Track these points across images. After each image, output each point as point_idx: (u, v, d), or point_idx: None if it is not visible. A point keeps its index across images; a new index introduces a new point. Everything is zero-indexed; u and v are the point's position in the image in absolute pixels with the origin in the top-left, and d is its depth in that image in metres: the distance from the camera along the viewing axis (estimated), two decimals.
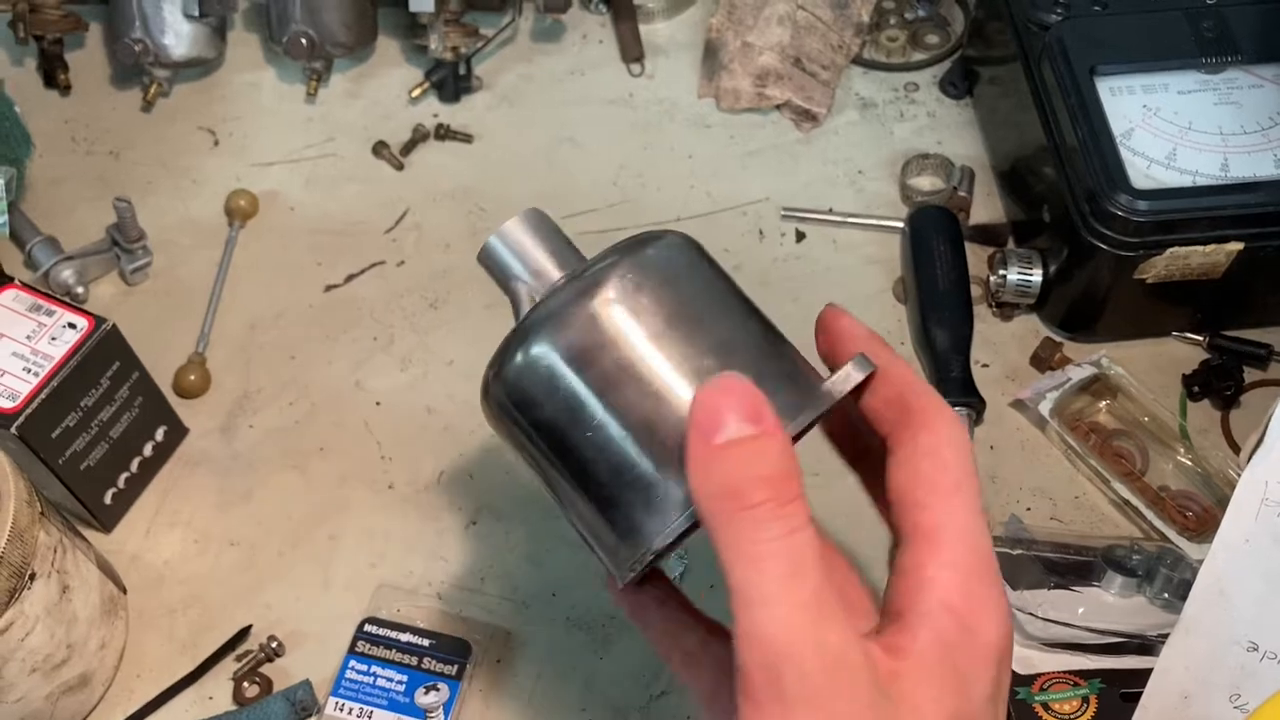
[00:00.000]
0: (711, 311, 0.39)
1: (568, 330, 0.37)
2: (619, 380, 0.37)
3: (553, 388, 0.37)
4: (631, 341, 0.37)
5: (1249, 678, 0.52)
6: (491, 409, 0.40)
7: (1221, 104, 0.68)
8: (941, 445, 0.37)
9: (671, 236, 0.40)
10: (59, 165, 0.80)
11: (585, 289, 0.38)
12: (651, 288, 0.38)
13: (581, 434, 0.37)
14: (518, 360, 0.38)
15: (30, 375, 0.59)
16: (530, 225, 0.43)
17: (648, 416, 0.36)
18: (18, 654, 0.53)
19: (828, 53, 0.82)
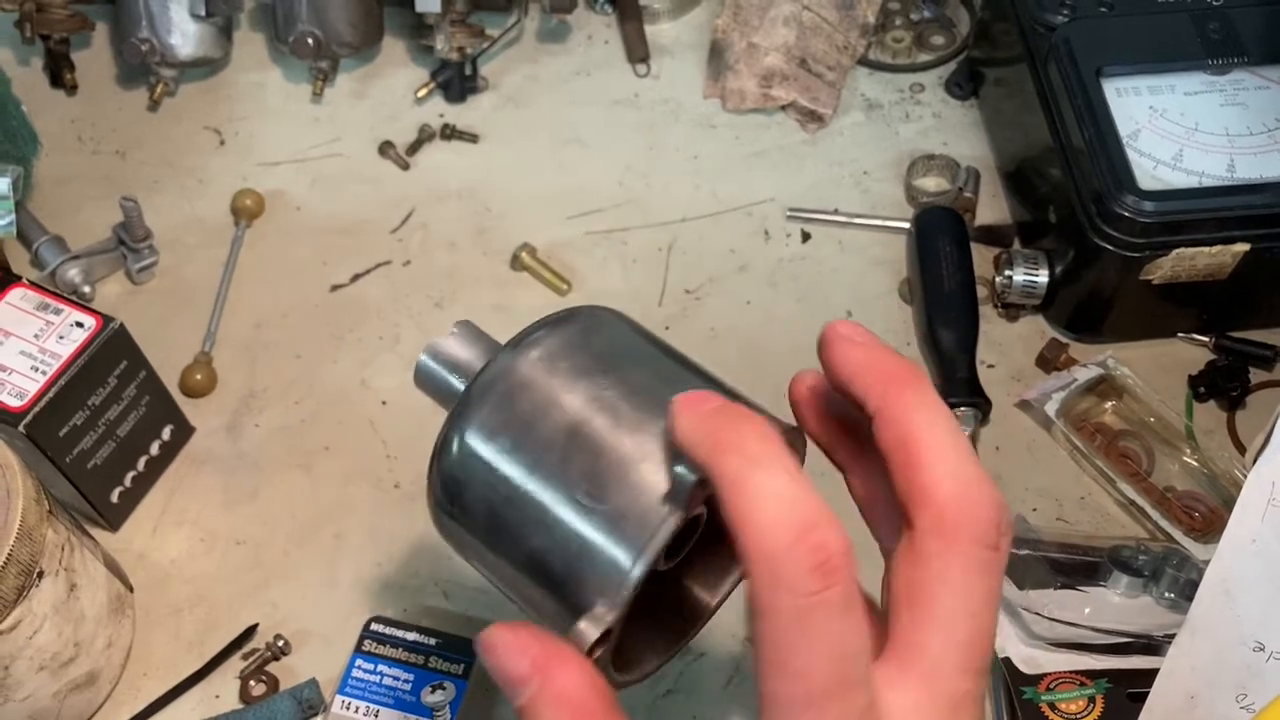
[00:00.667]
0: (571, 414, 0.38)
1: (479, 409, 0.38)
2: (511, 523, 0.37)
3: (479, 469, 0.38)
4: (505, 486, 0.37)
5: (1255, 678, 0.52)
6: (434, 513, 0.41)
7: (1228, 105, 0.68)
8: (942, 552, 0.33)
9: (584, 310, 0.40)
10: (65, 164, 0.81)
11: (498, 373, 0.38)
12: (506, 414, 0.38)
13: (542, 487, 0.37)
14: (451, 454, 0.38)
15: (38, 374, 0.59)
16: (463, 339, 0.43)
17: (544, 550, 0.36)
18: (25, 652, 0.53)
19: (833, 54, 0.83)
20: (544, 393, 0.38)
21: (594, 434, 0.37)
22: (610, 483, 0.36)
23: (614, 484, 0.36)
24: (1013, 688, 0.56)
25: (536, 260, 0.75)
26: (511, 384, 0.38)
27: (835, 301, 0.74)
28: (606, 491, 0.36)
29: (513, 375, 0.38)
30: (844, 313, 0.73)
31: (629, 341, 0.40)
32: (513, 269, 0.76)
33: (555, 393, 0.38)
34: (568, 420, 0.37)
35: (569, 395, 0.38)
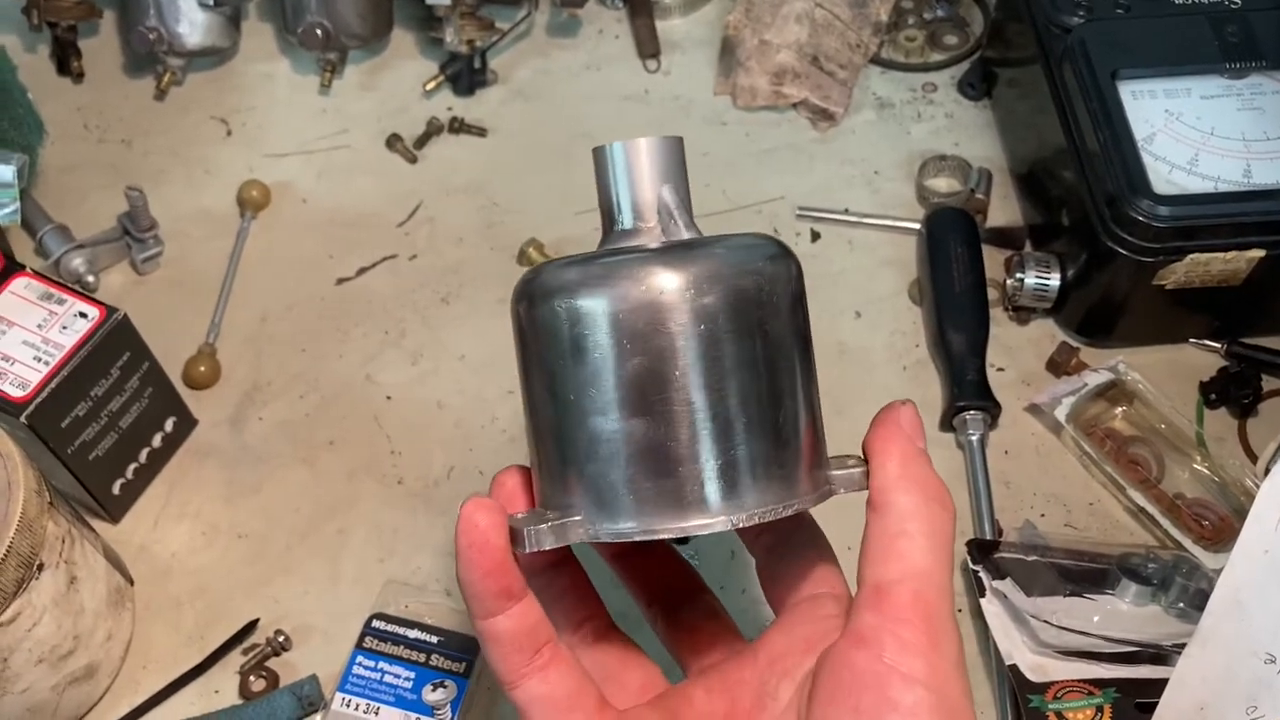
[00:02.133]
0: (786, 351, 0.38)
1: (643, 307, 0.36)
2: (645, 384, 0.36)
3: (578, 342, 0.37)
4: (682, 360, 0.36)
5: (1266, 690, 0.52)
6: (545, 315, 0.38)
7: (1244, 109, 0.67)
8: None
9: (788, 264, 0.39)
10: (71, 153, 0.80)
11: (691, 281, 0.36)
12: (733, 317, 0.37)
13: (585, 394, 0.37)
14: (582, 296, 0.37)
15: (40, 364, 0.58)
16: (671, 154, 0.41)
17: (646, 436, 0.36)
18: (25, 644, 0.53)
19: (845, 52, 0.82)
20: (745, 328, 0.37)
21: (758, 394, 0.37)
22: (678, 457, 0.36)
23: (678, 459, 0.36)
24: (1020, 696, 0.55)
25: (544, 255, 0.75)
26: (736, 292, 0.37)
27: (844, 302, 0.73)
28: (671, 465, 0.36)
29: (743, 282, 0.37)
30: (853, 313, 0.73)
31: (774, 329, 0.39)
32: (520, 264, 0.75)
33: (680, 349, 0.37)
34: (749, 374, 0.37)
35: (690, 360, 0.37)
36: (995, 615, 0.58)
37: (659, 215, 0.40)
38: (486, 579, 0.36)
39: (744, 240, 0.39)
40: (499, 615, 0.37)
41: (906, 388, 0.70)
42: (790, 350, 0.38)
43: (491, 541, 0.36)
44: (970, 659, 0.60)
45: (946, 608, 0.36)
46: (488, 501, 0.36)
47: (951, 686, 0.35)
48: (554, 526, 0.37)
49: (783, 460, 0.37)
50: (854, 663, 0.35)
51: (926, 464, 0.38)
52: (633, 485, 0.37)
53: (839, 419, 0.68)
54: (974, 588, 0.59)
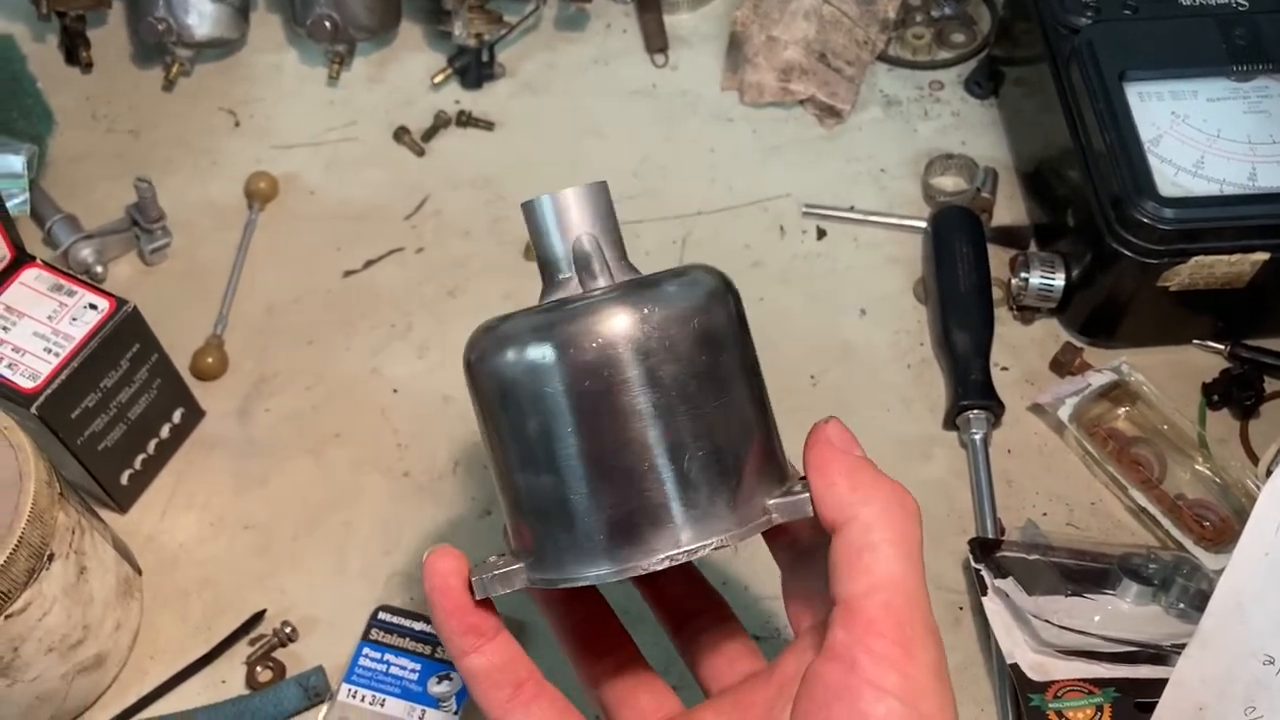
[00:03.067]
0: (706, 386, 0.38)
1: (586, 354, 0.37)
2: (603, 426, 0.37)
3: (505, 398, 0.38)
4: (630, 401, 0.37)
5: (1265, 691, 0.52)
6: (479, 376, 0.40)
7: (1251, 112, 0.67)
8: None
9: (717, 288, 0.40)
10: (79, 143, 0.80)
11: (625, 323, 0.37)
12: (675, 351, 0.37)
13: (520, 448, 0.39)
14: (525, 351, 0.38)
15: (51, 355, 0.59)
16: (590, 200, 0.41)
17: (614, 469, 0.37)
18: (35, 633, 0.53)
19: (853, 49, 0.82)
20: (615, 389, 0.38)
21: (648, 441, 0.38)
22: (623, 488, 0.37)
23: (623, 491, 0.37)
24: (1020, 694, 0.56)
25: None
26: (670, 329, 0.38)
27: (849, 300, 0.74)
28: (614, 493, 0.37)
29: (675, 319, 0.38)
30: (858, 311, 0.73)
31: (717, 352, 0.39)
32: (526, 259, 0.75)
33: (621, 398, 0.38)
34: (620, 427, 0.38)
35: (632, 408, 0.38)
36: (996, 614, 0.58)
37: (583, 263, 0.41)
38: (451, 619, 0.39)
39: (673, 278, 0.39)
40: (472, 654, 0.39)
41: (910, 386, 0.70)
42: (728, 381, 0.39)
43: (451, 585, 0.39)
44: (971, 657, 0.61)
45: (920, 614, 0.36)
46: (448, 549, 0.39)
47: (926, 698, 0.35)
48: (499, 575, 0.39)
49: (710, 496, 0.38)
50: (827, 678, 0.35)
51: (872, 469, 0.38)
52: (564, 534, 0.38)
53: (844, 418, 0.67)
54: (976, 586, 0.60)
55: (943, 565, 0.63)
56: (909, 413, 0.69)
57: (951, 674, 0.59)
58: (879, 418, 0.69)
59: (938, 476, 0.67)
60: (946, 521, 0.65)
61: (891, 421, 0.69)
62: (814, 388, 0.70)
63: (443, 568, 0.39)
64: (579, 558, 0.38)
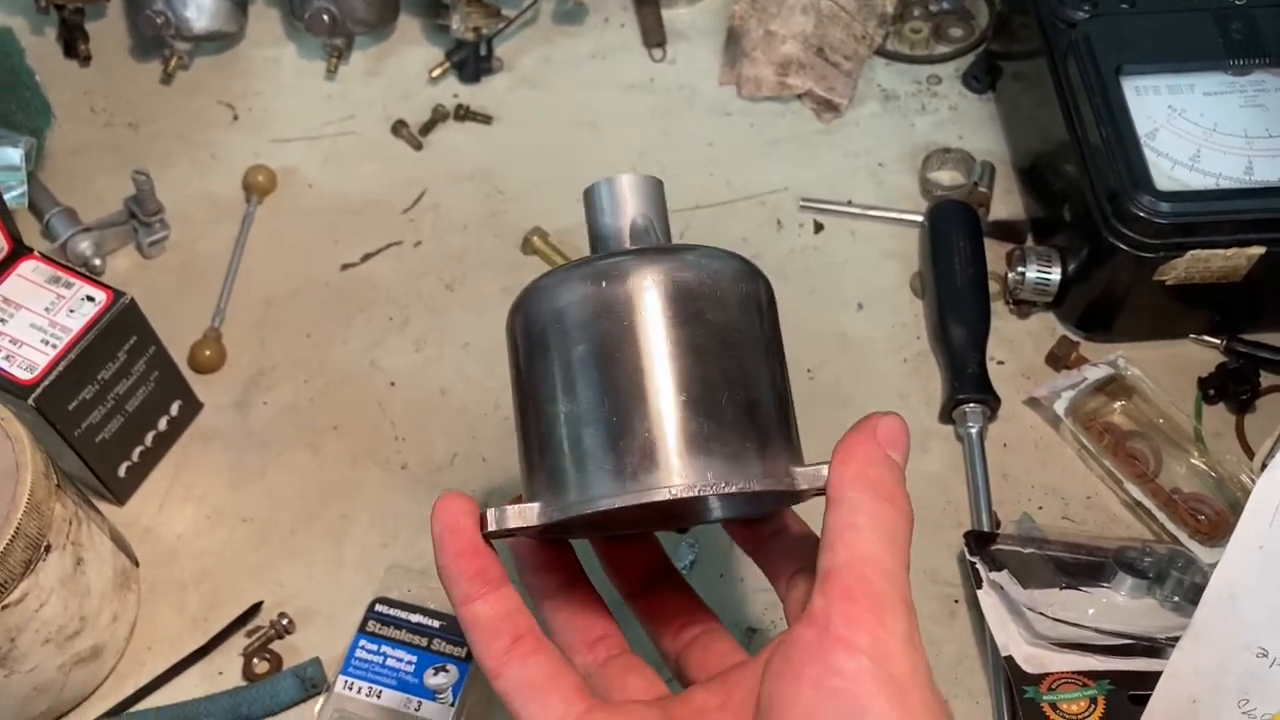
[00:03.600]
0: (745, 343, 0.40)
1: (646, 287, 0.39)
2: (653, 352, 0.38)
3: (581, 325, 0.39)
4: (650, 345, 0.39)
5: (1258, 684, 0.52)
6: (522, 320, 0.41)
7: (1247, 106, 0.67)
8: None
9: (754, 278, 0.42)
10: (78, 136, 0.80)
11: (645, 271, 0.39)
12: (723, 302, 0.39)
13: (543, 385, 0.40)
14: (572, 289, 0.39)
15: (48, 347, 0.59)
16: (649, 188, 0.44)
17: (624, 414, 0.38)
18: (32, 625, 0.54)
19: (851, 43, 0.82)
20: (722, 323, 0.39)
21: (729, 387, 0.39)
22: (636, 428, 0.38)
23: (637, 431, 0.38)
24: (1015, 687, 0.56)
25: (548, 244, 0.75)
26: (710, 287, 0.40)
27: (846, 294, 0.74)
28: (627, 435, 0.38)
29: (714, 283, 0.40)
30: (855, 305, 0.73)
31: (744, 323, 0.41)
32: (524, 252, 0.75)
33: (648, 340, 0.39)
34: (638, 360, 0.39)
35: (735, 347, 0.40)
36: (992, 607, 0.58)
37: (638, 237, 0.43)
38: (459, 559, 0.38)
39: (715, 252, 0.41)
40: (477, 600, 0.38)
41: (907, 380, 0.70)
42: (751, 349, 0.40)
43: (462, 524, 0.39)
44: (966, 650, 0.61)
45: (896, 591, 0.37)
46: (459, 493, 0.39)
47: (896, 659, 0.35)
48: (515, 510, 0.39)
49: (733, 443, 0.38)
50: (802, 638, 0.36)
51: (889, 469, 0.39)
52: (583, 466, 0.38)
53: (842, 410, 0.69)
54: (971, 579, 0.60)
55: (938, 558, 0.63)
56: (905, 406, 0.69)
57: (947, 666, 0.60)
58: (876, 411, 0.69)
59: (934, 470, 0.67)
60: (942, 514, 0.65)
61: None
62: (811, 381, 0.70)
63: (454, 507, 0.39)
64: (604, 484, 0.38)
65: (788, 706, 0.36)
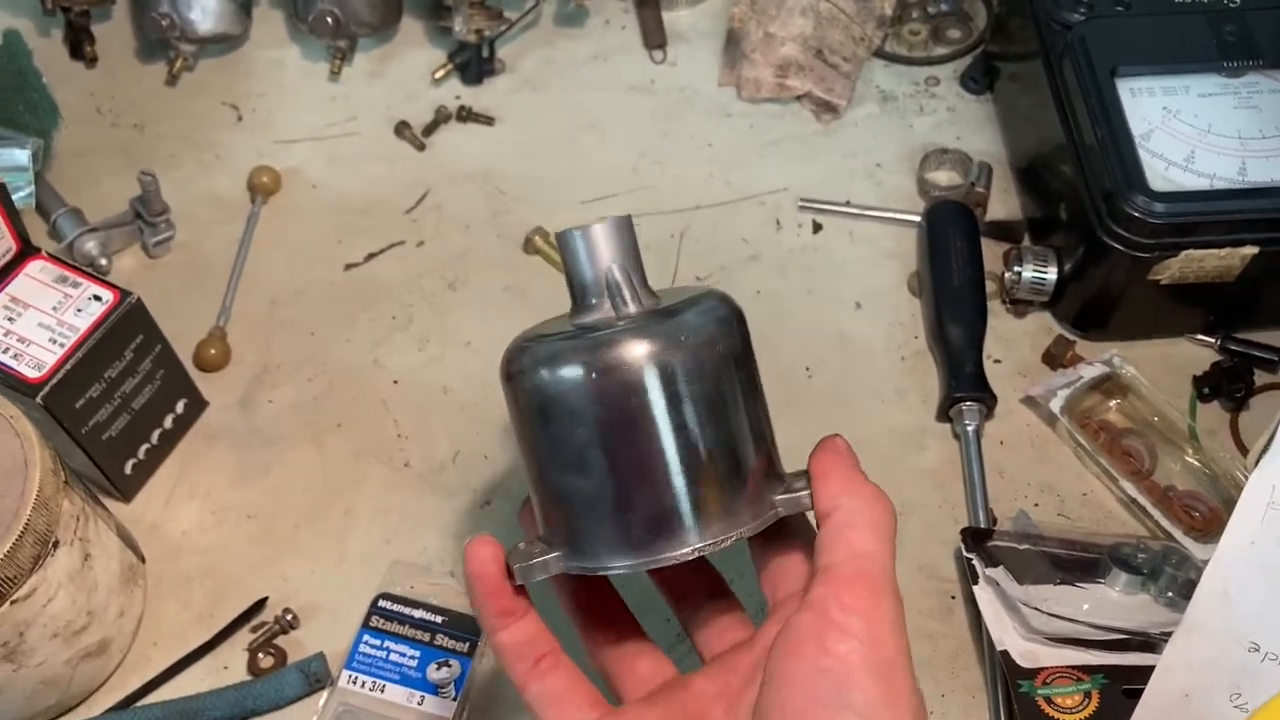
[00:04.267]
0: (727, 403, 0.44)
1: (623, 377, 0.42)
2: (637, 439, 0.42)
3: (545, 411, 0.43)
4: (648, 428, 0.42)
5: (1250, 678, 0.53)
6: (520, 390, 0.44)
7: (1241, 108, 0.68)
8: None
9: (730, 320, 0.44)
10: (84, 137, 0.81)
11: (659, 346, 0.42)
12: (681, 379, 0.42)
13: (557, 452, 0.43)
14: (568, 372, 0.42)
15: (56, 346, 0.59)
16: (618, 233, 0.46)
17: (638, 478, 0.42)
18: (40, 619, 0.54)
19: (849, 45, 0.83)
20: (703, 380, 0.43)
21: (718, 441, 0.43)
22: (645, 489, 0.43)
23: (648, 491, 0.43)
24: (1010, 681, 0.57)
25: (549, 244, 0.76)
26: (689, 358, 0.42)
27: (845, 293, 0.74)
28: (636, 494, 0.43)
29: (694, 347, 0.43)
30: (853, 304, 0.74)
31: (730, 373, 0.44)
32: (525, 252, 0.76)
33: (646, 415, 0.43)
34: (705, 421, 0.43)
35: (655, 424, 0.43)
36: (987, 602, 0.59)
37: (614, 291, 0.45)
38: (490, 600, 0.44)
39: (693, 306, 0.44)
40: (502, 630, 0.44)
41: (904, 378, 0.71)
42: (733, 405, 0.44)
43: (490, 570, 0.44)
44: (962, 644, 0.61)
45: (888, 583, 0.41)
46: (487, 538, 0.44)
47: (887, 643, 0.40)
48: (538, 564, 0.44)
49: (725, 499, 0.43)
50: (801, 623, 0.41)
51: (862, 476, 0.44)
52: (600, 529, 0.43)
53: (840, 409, 0.69)
54: (967, 575, 0.60)
55: (935, 554, 0.64)
56: (903, 404, 0.70)
57: (944, 661, 0.61)
58: (874, 409, 0.70)
59: (931, 467, 0.67)
60: (939, 511, 0.66)
61: (886, 413, 0.70)
62: (810, 380, 0.71)
63: (483, 554, 0.44)
64: (613, 550, 0.43)
65: (786, 682, 0.40)
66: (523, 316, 0.50)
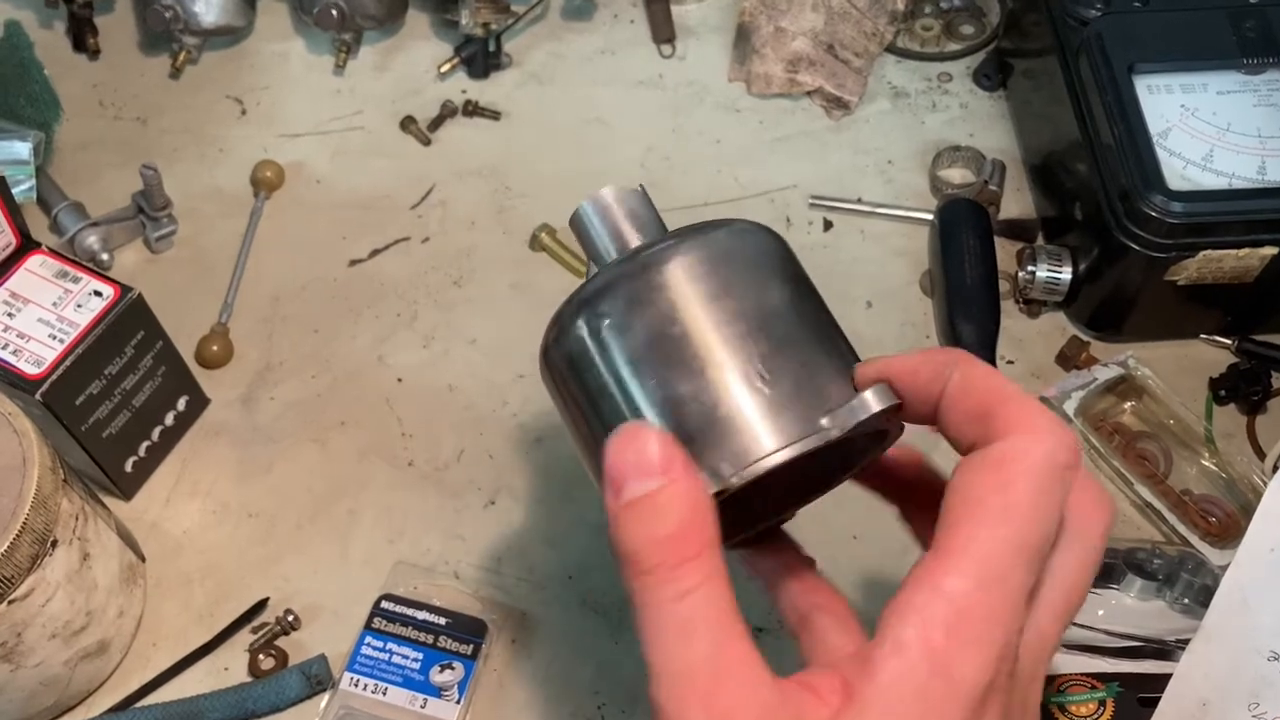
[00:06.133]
0: (768, 305, 0.38)
1: (625, 298, 0.38)
2: (670, 359, 0.37)
3: (605, 355, 0.38)
4: (688, 323, 0.37)
5: (1269, 687, 0.52)
6: (550, 370, 0.40)
7: (1261, 105, 0.67)
8: (1013, 459, 0.33)
9: (746, 223, 0.41)
10: (86, 130, 0.80)
11: (650, 262, 0.38)
12: (716, 270, 0.38)
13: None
14: (578, 324, 0.38)
15: (56, 342, 0.59)
16: (625, 198, 0.44)
17: (690, 397, 0.36)
18: (38, 619, 0.53)
19: (861, 40, 0.82)
20: (749, 271, 0.38)
21: (786, 328, 0.38)
22: (787, 375, 0.37)
23: (790, 377, 0.37)
24: None
25: (556, 241, 0.75)
26: (726, 247, 0.39)
27: (855, 292, 0.73)
28: (780, 380, 0.36)
29: (730, 241, 0.39)
30: (864, 303, 0.73)
31: (798, 272, 0.41)
32: (531, 249, 0.75)
33: (760, 277, 0.38)
34: (766, 305, 0.38)
35: (769, 287, 0.38)
36: None
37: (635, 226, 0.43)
38: None
39: (709, 221, 0.41)
40: None
41: None
42: (806, 298, 0.40)
43: None
44: None
45: None
46: None
47: None
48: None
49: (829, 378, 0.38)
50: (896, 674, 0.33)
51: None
52: (730, 425, 0.36)
53: None
54: None
55: None
56: None
57: None
58: None
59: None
60: None
61: None
62: None
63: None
64: (766, 435, 0.36)
65: None
66: (528, 314, 0.49)
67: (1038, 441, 0.33)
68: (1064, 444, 0.33)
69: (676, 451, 0.33)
